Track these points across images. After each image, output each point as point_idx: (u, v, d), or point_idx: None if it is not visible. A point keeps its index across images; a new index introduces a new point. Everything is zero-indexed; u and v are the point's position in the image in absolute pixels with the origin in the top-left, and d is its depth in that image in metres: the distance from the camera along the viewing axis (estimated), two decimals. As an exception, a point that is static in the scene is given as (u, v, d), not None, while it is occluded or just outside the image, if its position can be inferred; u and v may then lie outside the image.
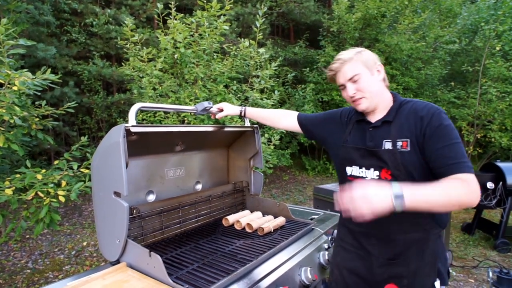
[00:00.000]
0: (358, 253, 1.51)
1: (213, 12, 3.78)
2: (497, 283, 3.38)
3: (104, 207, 1.43)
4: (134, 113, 1.43)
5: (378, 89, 1.42)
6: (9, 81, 2.40)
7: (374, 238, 1.45)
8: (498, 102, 7.08)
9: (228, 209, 2.30)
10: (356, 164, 1.46)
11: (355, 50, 1.43)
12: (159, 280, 1.28)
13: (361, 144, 1.45)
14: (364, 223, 1.32)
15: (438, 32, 8.15)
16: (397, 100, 1.44)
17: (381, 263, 1.42)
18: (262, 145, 3.96)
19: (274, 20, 10.25)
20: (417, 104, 1.38)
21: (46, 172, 2.57)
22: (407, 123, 1.35)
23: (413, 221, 1.36)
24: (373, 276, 1.44)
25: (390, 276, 1.40)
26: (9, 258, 4.07)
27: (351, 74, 1.40)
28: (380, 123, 1.41)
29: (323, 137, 1.73)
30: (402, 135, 1.34)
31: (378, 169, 1.38)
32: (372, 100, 1.41)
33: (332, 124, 1.67)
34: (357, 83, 1.40)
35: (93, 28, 7.16)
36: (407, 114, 1.37)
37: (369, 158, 1.41)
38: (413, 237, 1.37)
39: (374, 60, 1.42)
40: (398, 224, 1.37)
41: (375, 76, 1.41)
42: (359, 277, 1.49)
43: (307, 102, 8.17)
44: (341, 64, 1.42)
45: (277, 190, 7.83)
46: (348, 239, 1.56)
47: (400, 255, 1.38)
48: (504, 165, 4.35)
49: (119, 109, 7.51)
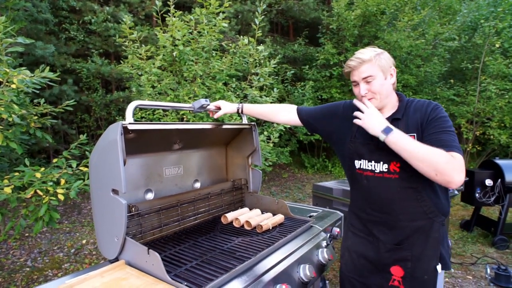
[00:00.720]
0: (367, 238, 1.62)
1: (212, 9, 3.77)
2: (495, 279, 3.40)
3: (103, 205, 1.44)
4: (132, 111, 1.43)
5: (388, 92, 1.51)
6: (7, 79, 2.39)
7: (381, 225, 1.56)
8: (497, 99, 7.08)
9: (227, 206, 2.30)
10: (365, 158, 1.56)
11: (375, 51, 1.49)
12: (157, 277, 1.29)
13: (370, 139, 1.52)
14: (372, 211, 1.57)
15: (438, 29, 8.13)
16: (403, 100, 1.55)
17: (388, 248, 1.53)
18: (261, 143, 3.96)
19: (273, 18, 10.21)
20: (420, 102, 1.52)
21: (45, 170, 2.57)
22: (413, 119, 1.47)
23: (419, 210, 1.47)
24: (381, 259, 1.56)
25: (396, 260, 1.52)
26: (8, 256, 4.07)
27: (366, 74, 1.48)
28: (391, 120, 1.50)
29: (329, 132, 1.77)
30: (410, 130, 1.45)
31: (387, 162, 1.49)
32: (381, 101, 1.51)
33: (336, 119, 1.71)
34: (370, 84, 1.48)
35: (92, 25, 7.13)
36: (412, 112, 1.49)
37: (378, 152, 1.50)
38: (418, 225, 1.47)
39: (390, 64, 1.50)
40: (404, 213, 1.48)
41: (388, 80, 1.50)
42: (368, 260, 1.61)
43: (307, 100, 8.16)
44: (359, 64, 1.48)
45: (276, 187, 7.84)
46: (358, 225, 1.67)
47: (406, 241, 1.49)
48: (503, 163, 4.36)
49: (118, 107, 7.50)
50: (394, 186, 1.47)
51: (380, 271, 1.56)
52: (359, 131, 1.58)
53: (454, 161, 1.28)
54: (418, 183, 1.43)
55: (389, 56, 1.52)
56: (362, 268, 1.63)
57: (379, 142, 1.44)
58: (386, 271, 1.54)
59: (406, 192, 1.46)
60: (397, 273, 1.51)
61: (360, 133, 1.57)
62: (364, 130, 1.54)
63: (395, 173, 1.46)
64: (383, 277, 1.55)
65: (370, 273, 1.61)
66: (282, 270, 1.49)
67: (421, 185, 1.44)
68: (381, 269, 1.56)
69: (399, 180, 1.46)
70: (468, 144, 7.74)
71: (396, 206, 1.48)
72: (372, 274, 1.60)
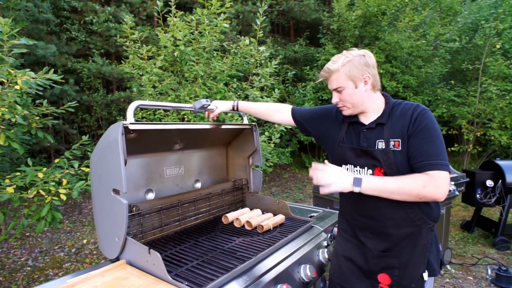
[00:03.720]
0: (355, 243, 1.59)
1: (213, 9, 3.78)
2: (496, 280, 3.40)
3: (104, 204, 1.44)
4: (132, 111, 1.44)
5: (362, 99, 1.47)
6: (11, 80, 2.40)
7: (368, 231, 1.53)
8: (498, 100, 7.06)
9: (228, 206, 2.31)
10: (351, 163, 1.53)
11: (344, 58, 1.44)
12: (158, 277, 1.29)
13: (356, 144, 1.51)
14: (360, 217, 1.53)
15: (439, 30, 8.11)
16: (389, 103, 1.50)
17: (375, 254, 1.50)
18: (262, 144, 3.96)
19: (274, 18, 10.21)
20: (407, 106, 1.45)
21: (47, 171, 2.58)
22: (398, 124, 1.42)
23: (406, 217, 1.43)
24: (368, 265, 1.53)
25: (383, 267, 1.49)
26: (9, 256, 4.08)
27: (335, 86, 1.47)
28: (375, 125, 1.47)
29: (320, 135, 1.75)
30: (394, 135, 1.41)
31: (371, 167, 1.46)
32: (355, 109, 1.49)
33: (328, 122, 1.70)
34: (341, 94, 1.47)
35: (93, 26, 7.14)
36: (398, 116, 1.44)
37: (363, 158, 1.48)
38: (406, 232, 1.44)
39: (362, 72, 1.43)
40: (391, 220, 1.45)
41: (360, 88, 1.45)
42: (355, 265, 1.59)
43: (307, 100, 8.15)
44: (328, 74, 1.48)
45: (277, 188, 7.84)
46: (347, 229, 1.65)
47: (393, 248, 1.46)
48: (504, 163, 4.36)
49: (119, 107, 7.51)
50: None
51: (367, 278, 1.54)
52: (346, 136, 1.56)
53: (432, 181, 1.28)
54: None
55: (363, 61, 1.43)
56: (349, 274, 1.60)
57: (364, 147, 1.45)
58: (373, 278, 1.52)
59: (391, 199, 1.40)
60: (384, 281, 1.49)
61: (348, 138, 1.55)
62: (351, 135, 1.54)
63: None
64: (370, 284, 1.53)
65: (357, 279, 1.58)
66: (283, 270, 1.50)
67: None
68: (368, 276, 1.54)
69: None
70: (468, 145, 7.73)
71: (382, 213, 1.45)
72: (359, 281, 1.57)
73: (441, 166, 1.31)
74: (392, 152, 1.39)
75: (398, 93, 7.83)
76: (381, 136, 1.43)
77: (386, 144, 1.41)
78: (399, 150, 1.39)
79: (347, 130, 1.57)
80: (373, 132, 1.46)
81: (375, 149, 1.43)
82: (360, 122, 1.52)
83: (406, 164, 1.38)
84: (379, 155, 1.41)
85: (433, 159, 1.32)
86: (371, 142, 1.45)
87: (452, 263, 3.93)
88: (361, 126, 1.51)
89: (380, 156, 1.41)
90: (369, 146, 1.45)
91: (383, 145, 1.41)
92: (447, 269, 3.80)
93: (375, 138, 1.45)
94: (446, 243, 3.81)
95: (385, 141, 1.41)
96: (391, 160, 1.39)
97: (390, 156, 1.39)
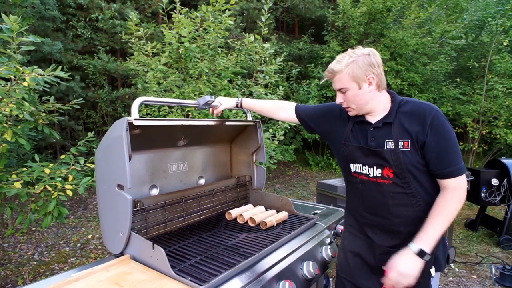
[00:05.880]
0: (363, 239, 1.59)
1: (218, 6, 3.78)
2: (500, 279, 3.39)
3: (108, 200, 1.46)
4: (137, 107, 1.45)
5: (366, 100, 1.45)
6: (19, 76, 2.42)
7: (377, 228, 1.53)
8: (504, 98, 7.00)
9: (231, 203, 2.32)
10: (359, 162, 1.52)
11: (348, 57, 1.41)
12: (162, 272, 1.30)
13: (363, 143, 1.50)
14: (368, 214, 1.54)
15: (445, 27, 8.04)
16: (395, 100, 1.48)
17: (382, 250, 1.50)
18: (266, 141, 3.97)
19: (279, 15, 10.19)
20: (416, 105, 1.43)
21: (53, 167, 2.60)
22: (408, 124, 1.40)
23: (414, 215, 1.43)
24: (375, 261, 1.53)
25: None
26: (16, 250, 4.14)
27: (339, 86, 1.46)
28: (381, 124, 1.45)
29: (326, 133, 1.74)
30: (404, 136, 1.40)
31: (380, 167, 1.45)
32: (360, 109, 1.48)
33: (332, 120, 1.69)
34: (345, 94, 1.46)
35: (99, 23, 7.17)
36: (407, 115, 1.42)
37: (371, 157, 1.47)
38: (414, 229, 1.42)
39: (366, 71, 1.40)
40: (400, 218, 1.45)
41: (364, 89, 1.43)
42: (362, 261, 1.59)
43: (312, 98, 8.13)
44: (331, 75, 1.47)
45: (280, 185, 7.84)
46: (355, 226, 1.64)
47: (401, 245, 1.45)
48: (509, 162, 4.32)
49: (124, 104, 7.55)
50: (387, 191, 1.44)
51: (375, 273, 1.53)
52: (352, 134, 1.55)
53: (460, 192, 1.35)
54: (412, 188, 1.41)
55: (368, 61, 1.39)
56: (357, 269, 1.60)
57: (372, 147, 1.45)
58: (381, 273, 1.49)
59: (400, 197, 1.43)
60: None
61: (354, 136, 1.54)
62: (358, 134, 1.52)
63: (388, 179, 1.43)
64: (378, 280, 1.51)
65: (364, 274, 1.57)
66: (286, 267, 1.51)
67: (416, 190, 1.41)
68: (375, 272, 1.53)
69: (393, 185, 1.42)
70: (474, 143, 7.67)
71: (391, 211, 1.45)
72: (366, 276, 1.57)
73: (462, 169, 1.36)
74: (401, 153, 1.38)
75: (403, 91, 7.78)
76: (389, 136, 1.41)
77: (395, 144, 1.39)
78: (408, 150, 1.38)
79: (353, 128, 1.55)
80: (381, 131, 1.45)
81: (384, 149, 1.41)
82: (367, 121, 1.50)
83: (415, 163, 1.38)
84: (388, 155, 1.40)
85: (455, 165, 1.35)
86: (379, 142, 1.44)
87: (456, 261, 3.91)
88: (367, 124, 1.50)
89: (389, 156, 1.40)
90: (378, 146, 1.44)
91: (392, 145, 1.40)
92: (451, 267, 3.79)
93: (383, 138, 1.43)
94: (450, 241, 3.80)
95: (394, 141, 1.40)
96: (401, 160, 1.38)
97: (400, 156, 1.38)
